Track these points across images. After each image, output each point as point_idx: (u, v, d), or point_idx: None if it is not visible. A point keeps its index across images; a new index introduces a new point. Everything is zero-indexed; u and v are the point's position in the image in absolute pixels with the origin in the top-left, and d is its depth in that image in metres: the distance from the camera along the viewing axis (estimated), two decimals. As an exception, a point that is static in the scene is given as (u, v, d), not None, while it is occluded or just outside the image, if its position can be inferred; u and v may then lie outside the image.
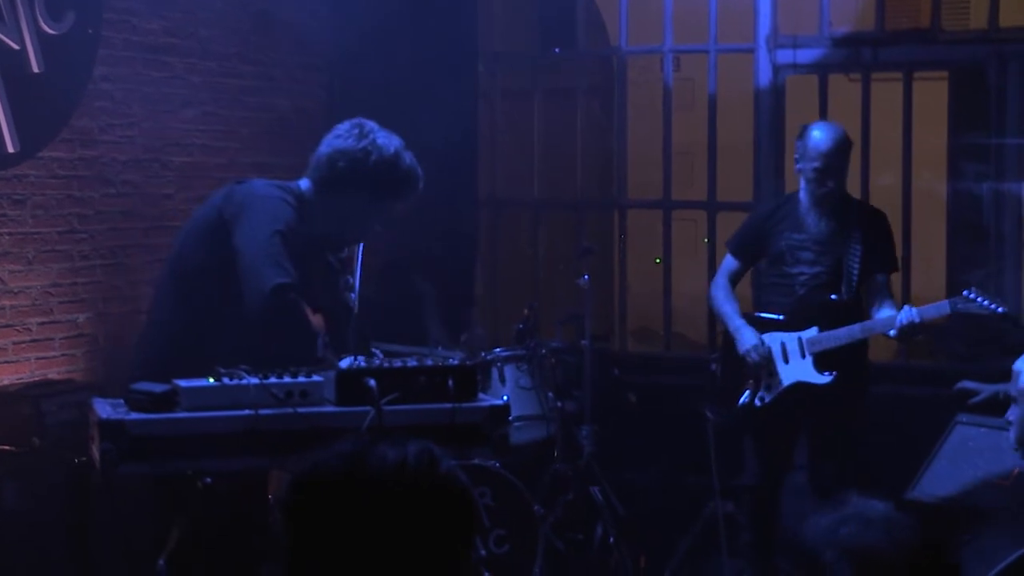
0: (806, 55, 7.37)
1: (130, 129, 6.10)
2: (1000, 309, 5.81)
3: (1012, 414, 3.51)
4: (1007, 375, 5.63)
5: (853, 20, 7.75)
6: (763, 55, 7.39)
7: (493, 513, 5.88)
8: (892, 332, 5.87)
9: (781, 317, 6.02)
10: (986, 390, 5.77)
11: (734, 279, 6.26)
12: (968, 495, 5.72)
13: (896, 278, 6.93)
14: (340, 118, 7.18)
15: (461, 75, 7.68)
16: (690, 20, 7.63)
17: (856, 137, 7.23)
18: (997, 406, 5.65)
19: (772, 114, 7.35)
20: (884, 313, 5.91)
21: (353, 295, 4.77)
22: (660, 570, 6.54)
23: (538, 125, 7.97)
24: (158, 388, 4.10)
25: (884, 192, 7.41)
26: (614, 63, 7.89)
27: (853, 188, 7.25)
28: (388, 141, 4.73)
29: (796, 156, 6.02)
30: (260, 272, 4.35)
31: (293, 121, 7.12)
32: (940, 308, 5.89)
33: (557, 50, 7.91)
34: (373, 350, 4.61)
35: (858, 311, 5.97)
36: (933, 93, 7.54)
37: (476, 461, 5.73)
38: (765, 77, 7.40)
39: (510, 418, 4.57)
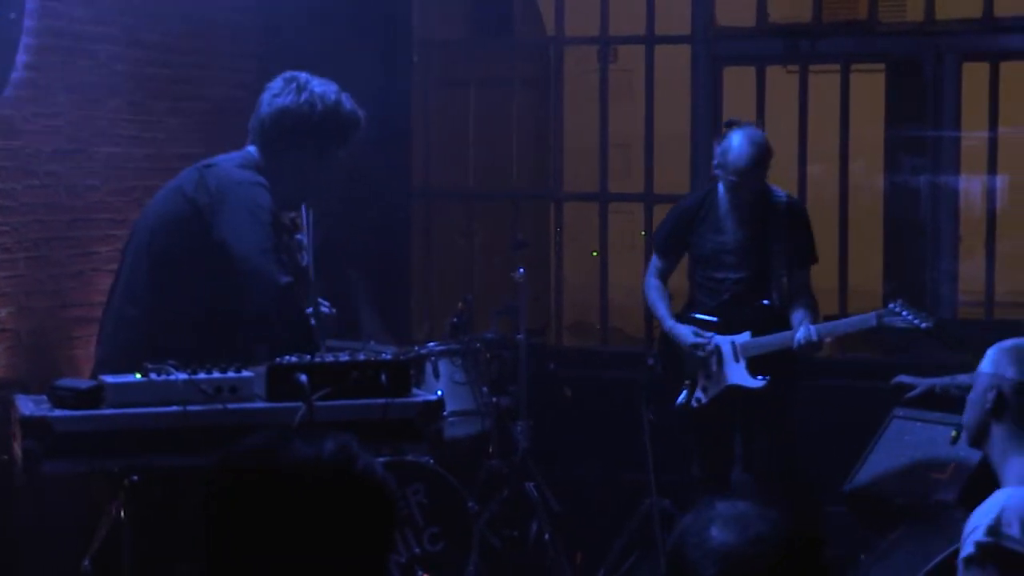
0: (743, 47, 7.42)
1: (55, 119, 6.02)
2: (924, 325, 5.95)
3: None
4: (943, 370, 5.72)
5: (790, 12, 7.81)
6: (700, 46, 7.42)
7: (427, 510, 5.88)
8: (794, 347, 5.97)
9: (715, 319, 6.13)
10: (922, 384, 5.84)
11: (663, 276, 6.38)
12: (905, 488, 5.78)
13: (833, 269, 7.01)
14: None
15: (395, 64, 7.67)
16: (627, 11, 7.65)
17: (793, 129, 7.31)
18: (933, 400, 5.73)
19: (709, 106, 7.38)
20: (798, 316, 6.00)
21: (306, 256, 4.73)
22: (596, 567, 6.56)
23: (473, 116, 7.97)
24: (83, 384, 4.07)
25: (821, 184, 7.48)
26: (550, 53, 7.90)
27: (789, 181, 7.32)
28: (326, 88, 4.74)
29: (716, 160, 6.08)
30: (263, 272, 4.40)
31: (222, 111, 7.06)
32: (866, 320, 6.06)
33: (493, 39, 7.89)
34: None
35: (786, 313, 6.09)
36: (870, 85, 7.61)
37: (409, 457, 5.72)
38: (702, 68, 7.43)
39: (444, 413, 4.58)
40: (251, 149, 4.69)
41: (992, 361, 3.49)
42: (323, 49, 6.95)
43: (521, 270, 6.52)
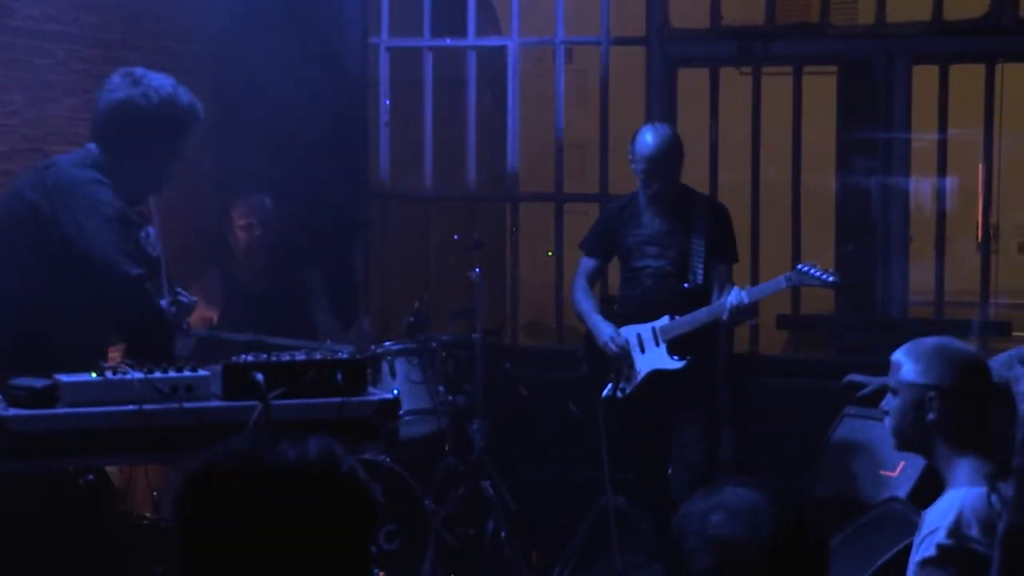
0: (697, 48, 7.44)
1: (11, 118, 5.99)
2: (830, 279, 6.10)
3: (888, 404, 3.55)
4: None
5: (744, 14, 7.83)
6: (655, 48, 7.43)
7: (383, 508, 5.86)
8: (724, 316, 6.07)
9: (636, 310, 6.29)
10: (873, 383, 5.87)
11: (592, 278, 6.57)
12: (855, 486, 5.82)
13: (787, 268, 7.03)
14: (226, 108, 7.17)
15: (351, 64, 7.65)
16: (582, 12, 7.66)
17: (746, 130, 7.34)
18: (883, 398, 5.76)
19: (664, 107, 7.40)
20: (724, 296, 6.11)
21: (157, 246, 4.72)
22: (552, 565, 6.57)
23: (429, 116, 7.95)
24: (38, 383, 4.04)
25: (774, 184, 7.51)
26: (506, 54, 7.89)
27: (743, 181, 7.36)
28: (162, 81, 4.72)
29: (629, 156, 6.31)
30: (112, 266, 4.40)
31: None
32: (776, 284, 6.22)
33: (448, 41, 7.88)
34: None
35: (706, 299, 6.25)
36: (822, 87, 7.65)
37: (366, 456, 5.71)
38: (657, 70, 7.45)
39: (400, 412, 4.57)
40: (91, 146, 4.66)
41: (921, 371, 3.43)
42: (278, 50, 6.93)
43: (477, 270, 6.52)
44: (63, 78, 6.28)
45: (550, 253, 7.87)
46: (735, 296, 6.07)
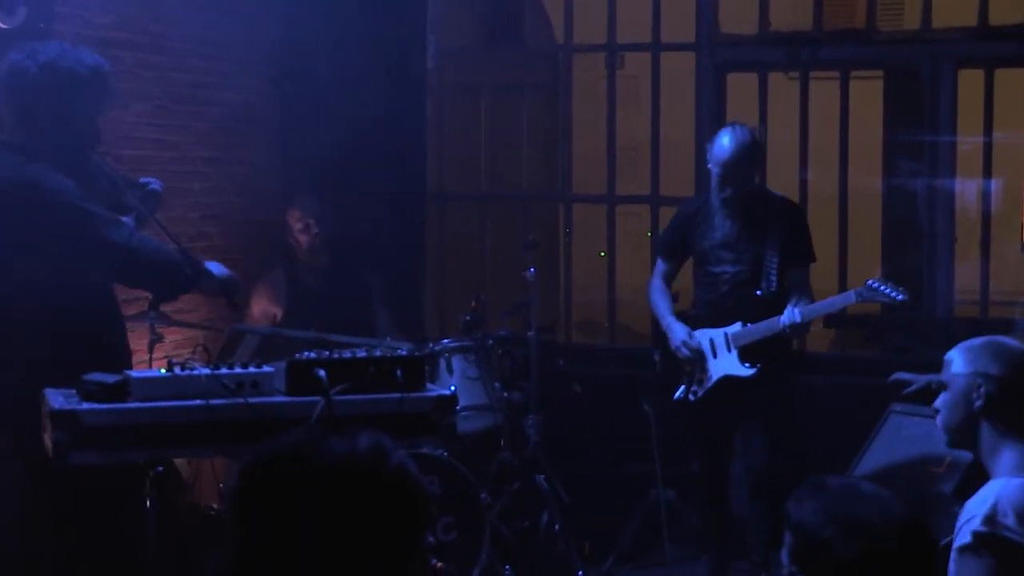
0: (746, 54, 7.41)
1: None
2: (900, 297, 5.95)
3: (940, 401, 3.57)
4: (939, 366, 5.71)
5: (792, 20, 7.80)
6: (704, 53, 7.41)
7: (441, 501, 5.88)
8: (779, 329, 5.96)
9: (710, 315, 6.12)
10: (919, 380, 5.83)
11: (667, 278, 6.39)
12: (900, 481, 5.78)
13: (833, 271, 7.00)
14: (288, 112, 7.21)
15: (409, 70, 7.67)
16: (634, 19, 7.65)
17: (794, 134, 7.30)
18: (930, 395, 5.70)
19: (713, 111, 7.38)
20: (790, 305, 6.01)
21: (120, 185, 4.77)
22: (603, 556, 6.57)
23: (485, 120, 7.97)
24: (110, 378, 4.08)
25: (821, 187, 7.47)
26: (559, 60, 7.90)
27: (790, 184, 7.32)
28: (48, 46, 4.62)
29: (707, 156, 6.12)
30: (100, 232, 4.45)
31: (240, 116, 7.09)
32: (846, 298, 6.03)
33: (504, 47, 7.89)
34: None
35: (781, 305, 6.03)
36: (869, 91, 7.60)
37: (424, 450, 5.74)
38: (706, 75, 7.43)
39: (457, 408, 4.58)
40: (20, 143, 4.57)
41: (969, 361, 3.45)
42: (339, 57, 6.97)
43: (532, 270, 6.53)
44: (133, 85, 6.33)
45: (602, 253, 7.87)
46: (788, 315, 5.92)
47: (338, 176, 7.04)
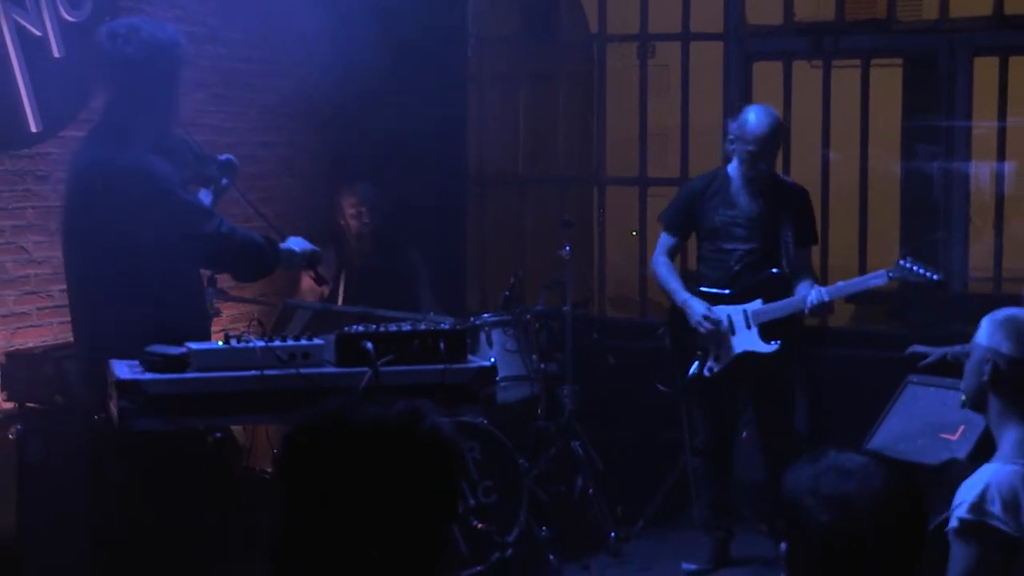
0: (772, 43, 7.38)
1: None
2: (935, 276, 5.85)
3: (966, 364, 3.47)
4: (954, 339, 5.69)
5: (815, 11, 7.76)
6: (732, 43, 7.39)
7: (481, 466, 5.91)
8: (806, 311, 5.91)
9: (727, 291, 6.02)
10: (935, 353, 5.81)
11: (672, 254, 6.22)
12: (916, 448, 5.77)
13: (854, 249, 6.97)
14: (338, 100, 7.23)
15: (451, 60, 7.67)
16: (665, 10, 7.63)
17: (817, 119, 7.28)
18: (945, 367, 5.69)
19: (740, 98, 7.34)
20: (804, 285, 5.94)
21: (192, 152, 4.71)
22: (635, 519, 6.58)
23: (523, 107, 7.96)
24: (172, 350, 4.12)
25: (842, 170, 7.44)
26: (594, 50, 7.88)
27: (813, 167, 7.29)
28: (135, 24, 4.52)
29: (731, 137, 5.99)
30: (193, 224, 4.40)
31: (294, 104, 7.12)
32: (877, 277, 5.93)
33: (540, 37, 7.88)
34: None
35: (789, 283, 5.99)
36: (889, 79, 7.56)
37: (465, 418, 5.75)
38: (734, 64, 7.40)
39: (497, 379, 4.60)
40: (107, 119, 4.54)
41: (988, 334, 3.35)
42: (384, 47, 6.97)
43: (567, 248, 6.53)
44: (191, 74, 6.34)
45: (634, 233, 7.86)
46: (815, 295, 5.82)
47: (384, 161, 7.05)
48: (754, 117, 5.88)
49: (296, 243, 4.72)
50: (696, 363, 6.04)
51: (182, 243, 4.40)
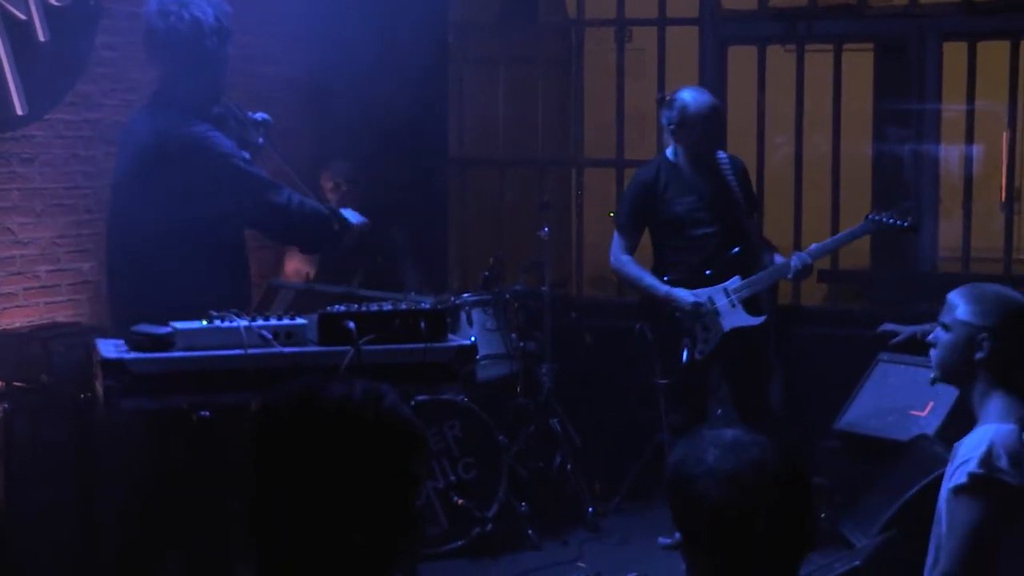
0: (746, 28, 7.36)
1: (130, 93, 6.03)
2: (906, 223, 5.91)
3: (938, 337, 3.44)
4: (924, 318, 5.70)
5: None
6: (707, 28, 7.37)
7: (461, 443, 5.92)
8: (790, 276, 5.94)
9: (708, 272, 6.02)
10: (905, 331, 5.83)
11: (631, 251, 6.20)
12: (886, 425, 5.79)
13: (827, 229, 6.98)
14: (319, 83, 7.19)
15: (433, 44, 7.65)
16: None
17: (791, 102, 7.28)
18: (915, 345, 5.72)
19: (715, 82, 7.33)
20: (772, 255, 5.98)
21: (247, 121, 4.77)
22: (613, 494, 6.60)
23: (502, 90, 7.94)
24: (157, 330, 4.10)
25: (816, 151, 7.45)
26: (572, 34, 7.85)
27: (787, 149, 7.29)
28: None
29: (671, 124, 5.97)
30: (263, 196, 4.48)
31: (278, 86, 7.08)
32: (852, 233, 6.00)
33: (520, 22, 7.85)
34: None
35: (753, 256, 5.99)
36: (860, 63, 7.56)
37: (446, 396, 5.76)
38: (709, 48, 7.39)
39: (477, 357, 4.59)
40: (163, 88, 4.60)
41: (976, 312, 3.34)
42: (368, 31, 6.94)
43: (546, 229, 6.52)
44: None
45: (611, 214, 7.84)
46: (797, 260, 5.85)
47: (367, 142, 7.03)
48: (692, 100, 5.90)
49: (352, 215, 4.80)
50: (686, 350, 6.01)
51: (256, 215, 4.49)
